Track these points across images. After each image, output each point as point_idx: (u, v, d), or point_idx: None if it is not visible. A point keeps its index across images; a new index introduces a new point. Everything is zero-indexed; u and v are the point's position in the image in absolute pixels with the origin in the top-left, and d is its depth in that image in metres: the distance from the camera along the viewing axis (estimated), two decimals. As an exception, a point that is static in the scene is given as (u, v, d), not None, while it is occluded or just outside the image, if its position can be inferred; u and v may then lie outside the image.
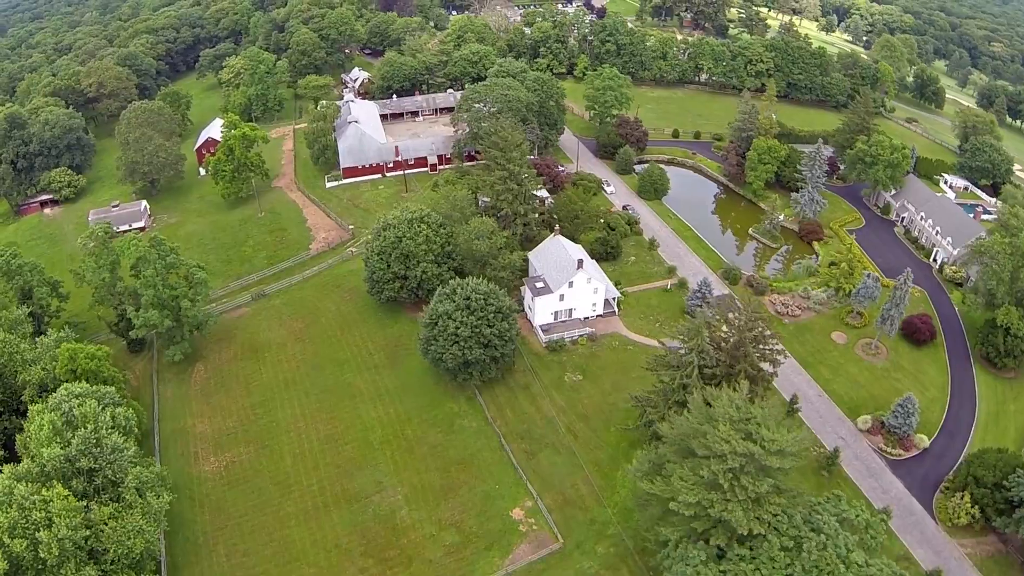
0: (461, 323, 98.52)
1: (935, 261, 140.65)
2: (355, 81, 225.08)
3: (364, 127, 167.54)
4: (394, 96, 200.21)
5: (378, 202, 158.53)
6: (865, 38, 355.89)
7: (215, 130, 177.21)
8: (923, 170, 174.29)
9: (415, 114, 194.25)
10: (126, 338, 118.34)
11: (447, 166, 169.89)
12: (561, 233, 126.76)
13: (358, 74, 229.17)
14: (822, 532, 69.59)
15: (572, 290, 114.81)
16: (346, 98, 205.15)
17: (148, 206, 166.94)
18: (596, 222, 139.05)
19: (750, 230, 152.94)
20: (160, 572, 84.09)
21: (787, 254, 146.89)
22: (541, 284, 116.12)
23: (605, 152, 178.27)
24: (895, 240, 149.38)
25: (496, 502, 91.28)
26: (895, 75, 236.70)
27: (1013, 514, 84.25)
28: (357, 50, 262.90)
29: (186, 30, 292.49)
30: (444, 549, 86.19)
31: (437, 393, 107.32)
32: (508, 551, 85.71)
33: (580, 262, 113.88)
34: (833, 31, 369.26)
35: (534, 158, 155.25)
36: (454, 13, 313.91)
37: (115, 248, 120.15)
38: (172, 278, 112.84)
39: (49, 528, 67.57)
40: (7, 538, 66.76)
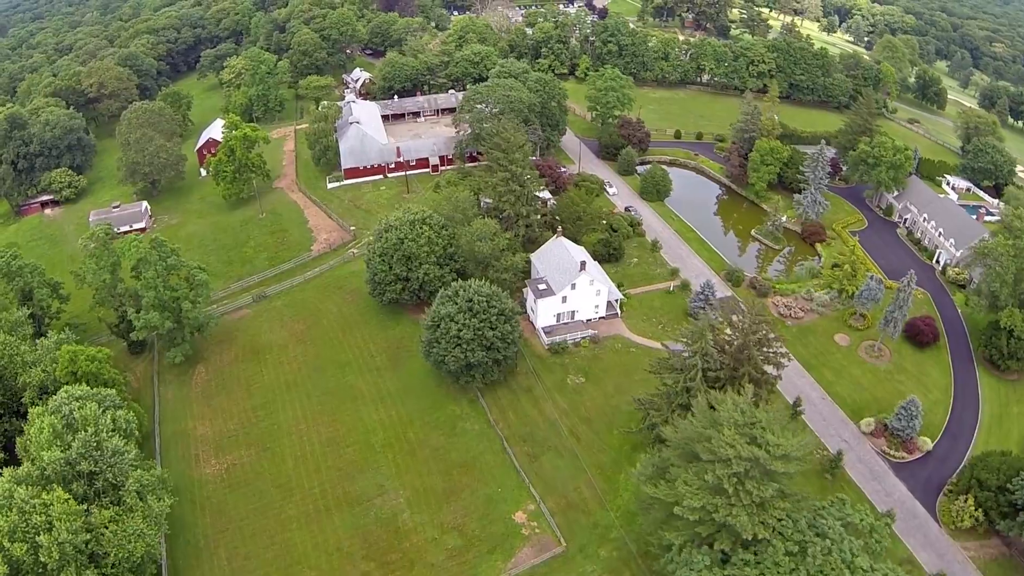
0: (463, 325, 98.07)
1: (938, 263, 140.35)
2: (356, 82, 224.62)
3: (366, 128, 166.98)
4: (395, 97, 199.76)
5: (380, 203, 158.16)
6: (866, 39, 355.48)
7: (216, 131, 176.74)
8: (925, 171, 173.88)
9: (416, 115, 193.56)
10: (127, 340, 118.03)
11: (449, 167, 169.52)
12: (563, 235, 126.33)
13: (359, 74, 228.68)
14: (827, 537, 69.28)
15: (575, 292, 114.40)
16: (347, 99, 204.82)
17: (149, 207, 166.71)
18: (598, 223, 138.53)
19: (752, 231, 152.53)
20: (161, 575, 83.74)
21: (789, 255, 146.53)
22: (543, 286, 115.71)
23: (607, 153, 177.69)
24: (897, 242, 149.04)
25: (498, 505, 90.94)
26: (897, 76, 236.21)
27: (1017, 517, 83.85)
28: (358, 50, 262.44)
29: (187, 30, 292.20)
30: (446, 553, 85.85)
31: (439, 395, 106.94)
32: (511, 555, 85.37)
33: (583, 264, 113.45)
34: (834, 32, 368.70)
35: (536, 159, 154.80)
36: (455, 13, 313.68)
37: (116, 249, 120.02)
38: (173, 279, 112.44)
39: (49, 532, 67.33)
40: (7, 542, 66.58)
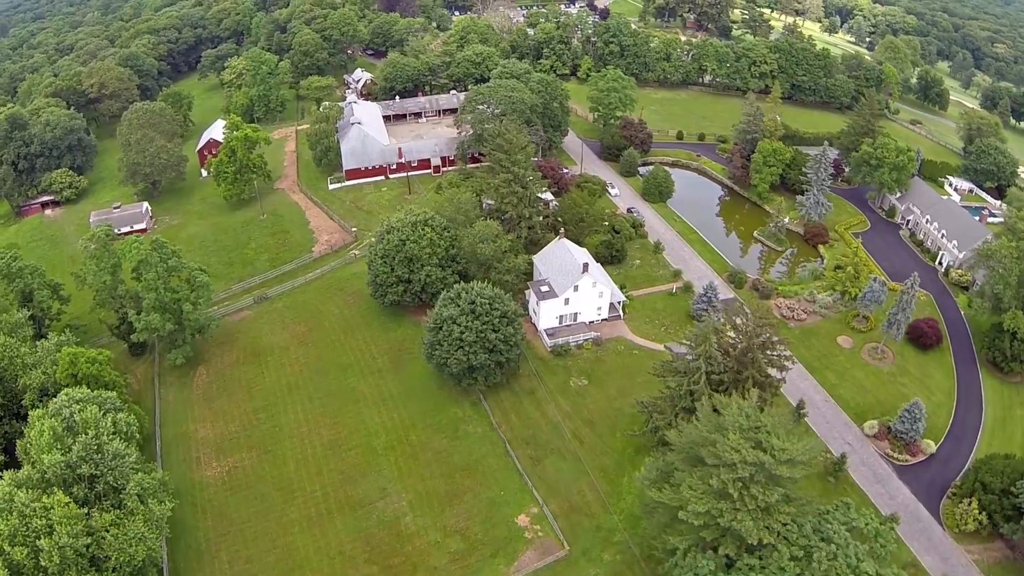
0: (466, 328, 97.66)
1: (941, 264, 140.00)
2: (358, 82, 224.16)
3: (367, 128, 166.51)
4: (397, 97, 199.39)
5: (381, 204, 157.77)
6: (868, 39, 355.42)
7: (217, 131, 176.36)
8: (927, 172, 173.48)
9: (418, 115, 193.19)
10: (127, 341, 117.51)
11: (451, 168, 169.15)
12: (566, 236, 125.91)
13: (361, 75, 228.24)
14: (832, 542, 68.63)
15: (577, 294, 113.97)
16: (349, 99, 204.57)
17: (150, 208, 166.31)
18: (601, 225, 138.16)
19: (755, 233, 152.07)
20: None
21: (792, 257, 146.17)
22: (546, 288, 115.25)
23: (609, 154, 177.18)
24: (900, 243, 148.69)
25: (501, 508, 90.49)
26: (899, 77, 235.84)
27: (1021, 520, 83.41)
28: (360, 51, 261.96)
29: (188, 30, 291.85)
30: (449, 556, 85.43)
31: (441, 398, 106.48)
32: (514, 558, 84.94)
33: (585, 266, 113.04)
34: (836, 32, 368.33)
35: (538, 160, 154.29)
36: (457, 14, 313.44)
37: (117, 251, 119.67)
38: (174, 281, 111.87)
39: (50, 536, 66.97)
40: (8, 546, 66.20)
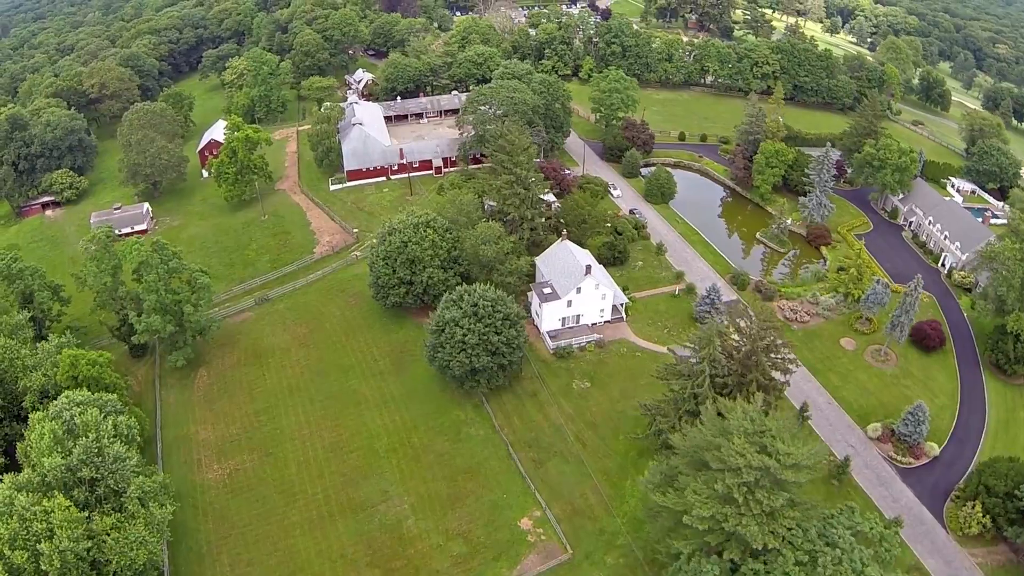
0: (468, 330, 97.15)
1: (943, 266, 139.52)
2: (359, 82, 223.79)
3: (368, 129, 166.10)
4: (398, 98, 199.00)
5: (383, 205, 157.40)
6: (870, 40, 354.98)
7: (218, 132, 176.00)
8: (930, 173, 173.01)
9: (419, 116, 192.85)
10: (128, 343, 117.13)
11: (452, 169, 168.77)
12: (568, 238, 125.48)
13: (362, 75, 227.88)
14: (837, 546, 68.29)
15: (580, 296, 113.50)
16: (350, 100, 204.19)
17: (150, 208, 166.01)
18: (603, 226, 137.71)
19: (758, 234, 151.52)
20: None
21: (795, 259, 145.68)
22: (549, 290, 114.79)
23: (611, 155, 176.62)
24: (903, 245, 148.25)
25: (504, 512, 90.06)
26: (900, 77, 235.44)
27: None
28: (361, 51, 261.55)
29: (189, 31, 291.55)
30: (451, 559, 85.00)
31: (443, 400, 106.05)
32: (516, 562, 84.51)
33: (588, 268, 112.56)
34: (837, 33, 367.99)
35: (540, 161, 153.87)
36: (458, 14, 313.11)
37: (117, 252, 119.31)
38: (175, 283, 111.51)
39: (50, 539, 66.60)
40: (8, 550, 65.85)
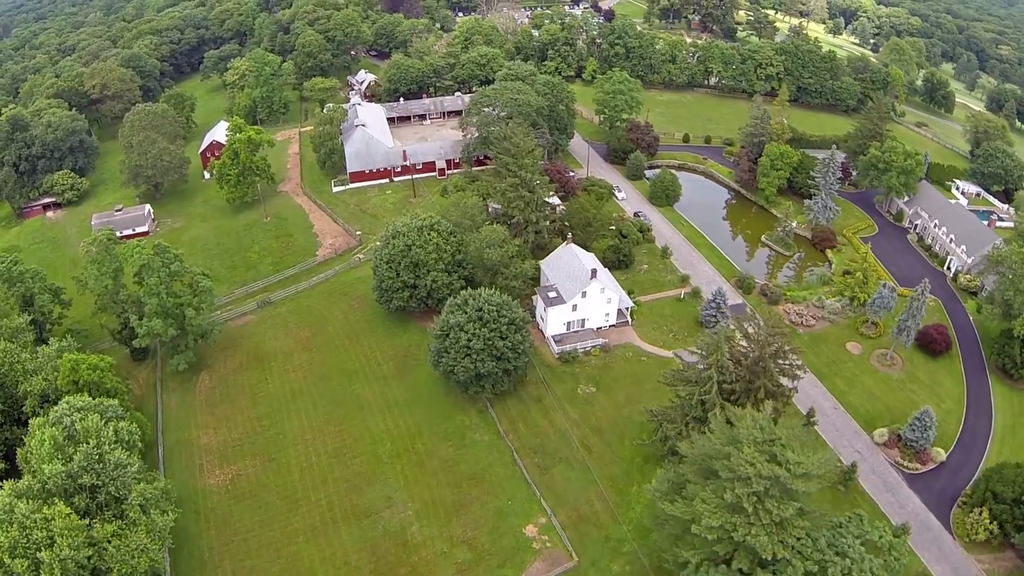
0: (473, 335, 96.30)
1: (949, 269, 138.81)
2: (361, 83, 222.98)
3: (371, 130, 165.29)
4: (401, 99, 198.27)
5: (386, 207, 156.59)
6: (872, 41, 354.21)
7: (220, 133, 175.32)
8: (934, 176, 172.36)
9: (423, 117, 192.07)
10: (129, 347, 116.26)
11: (456, 171, 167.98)
12: (573, 241, 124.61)
13: (364, 76, 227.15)
14: (847, 556, 67.59)
15: (585, 300, 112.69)
16: (352, 101, 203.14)
17: (152, 210, 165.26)
18: (608, 229, 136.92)
19: (763, 237, 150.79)
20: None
21: (800, 262, 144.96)
22: (554, 294, 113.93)
23: (615, 157, 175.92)
24: (908, 248, 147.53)
25: (509, 518, 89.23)
26: (904, 79, 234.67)
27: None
28: (363, 52, 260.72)
29: (190, 31, 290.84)
30: (456, 567, 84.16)
31: (447, 405, 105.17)
32: (521, 569, 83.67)
33: (594, 271, 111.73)
34: (840, 34, 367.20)
35: (544, 163, 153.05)
36: (461, 15, 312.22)
37: (118, 255, 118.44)
38: (176, 286, 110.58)
39: (51, 547, 65.68)
40: (8, 558, 64.98)
